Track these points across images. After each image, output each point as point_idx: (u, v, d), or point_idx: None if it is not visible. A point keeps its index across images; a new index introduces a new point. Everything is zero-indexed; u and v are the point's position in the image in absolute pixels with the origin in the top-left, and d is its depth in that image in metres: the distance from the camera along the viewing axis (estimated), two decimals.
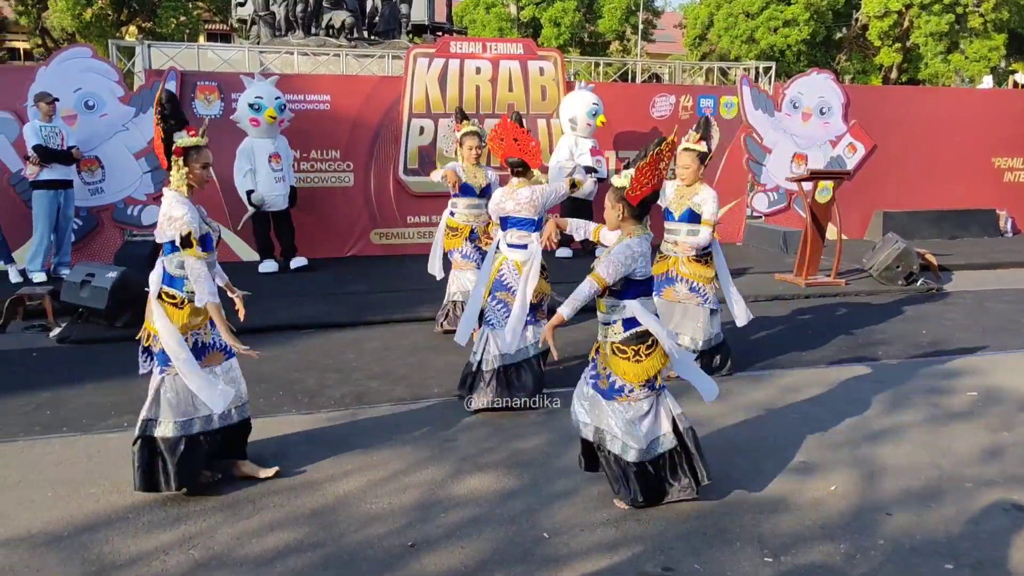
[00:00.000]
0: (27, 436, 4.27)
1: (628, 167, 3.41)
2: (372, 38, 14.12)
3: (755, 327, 6.66)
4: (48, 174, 7.61)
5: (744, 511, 3.51)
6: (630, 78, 12.66)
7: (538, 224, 4.81)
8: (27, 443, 4.18)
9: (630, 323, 3.44)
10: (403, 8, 15.31)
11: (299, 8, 13.00)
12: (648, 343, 3.43)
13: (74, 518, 3.39)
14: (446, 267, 6.25)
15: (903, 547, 3.24)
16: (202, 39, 30.23)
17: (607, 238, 3.78)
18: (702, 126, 5.11)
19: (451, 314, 6.14)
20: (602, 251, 3.60)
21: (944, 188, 11.65)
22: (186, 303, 3.51)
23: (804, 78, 11.07)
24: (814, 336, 6.46)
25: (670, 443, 3.51)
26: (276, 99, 8.33)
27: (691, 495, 3.51)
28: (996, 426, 4.55)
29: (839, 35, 29.65)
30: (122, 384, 4.96)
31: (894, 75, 28.11)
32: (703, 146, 5.07)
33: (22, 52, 31.76)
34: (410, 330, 6.50)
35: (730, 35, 28.18)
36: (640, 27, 32.32)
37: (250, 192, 8.21)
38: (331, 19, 13.26)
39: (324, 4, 13.34)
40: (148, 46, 9.48)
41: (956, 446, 4.27)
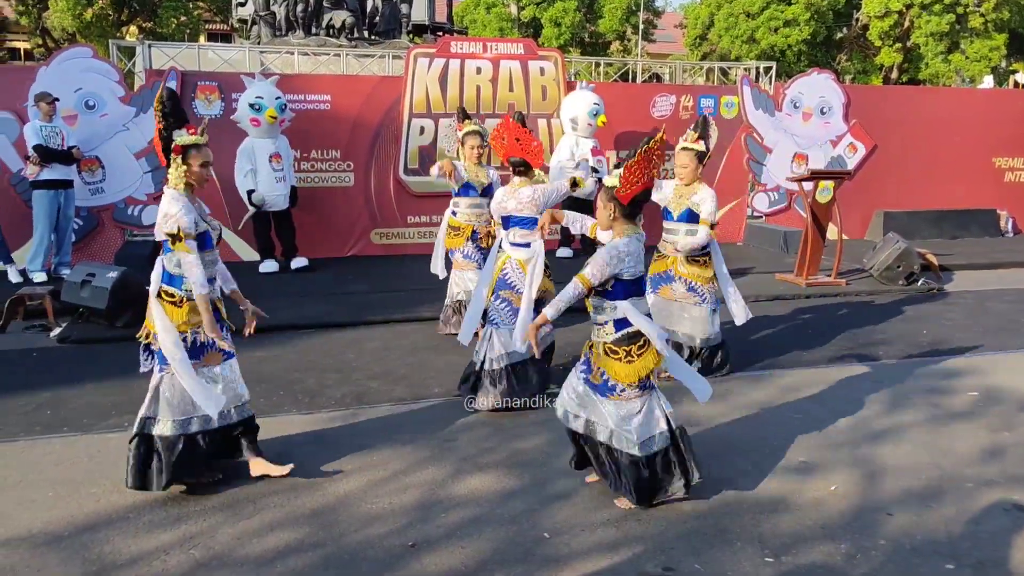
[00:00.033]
0: (28, 436, 4.28)
1: (619, 167, 3.42)
2: (372, 38, 14.12)
3: (755, 327, 6.65)
4: (48, 174, 7.61)
5: (744, 511, 3.51)
6: (631, 78, 12.66)
7: (538, 223, 4.81)
8: (28, 443, 4.18)
9: (621, 324, 3.44)
10: (403, 8, 15.32)
11: (299, 8, 13.00)
12: (640, 343, 3.43)
13: (74, 518, 3.40)
14: (448, 267, 6.25)
15: (904, 547, 3.24)
16: (203, 39, 30.23)
17: (603, 236, 3.79)
18: (700, 125, 5.11)
19: (454, 315, 6.13)
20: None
21: (945, 188, 11.64)
22: (185, 301, 3.52)
23: (805, 78, 11.06)
24: (815, 336, 6.46)
25: (664, 442, 3.51)
26: (277, 99, 8.33)
27: (683, 494, 3.52)
28: (997, 426, 4.56)
29: (840, 35, 29.64)
30: (122, 384, 4.96)
31: (895, 75, 28.10)
32: (701, 145, 5.07)
33: (23, 52, 31.78)
34: (410, 330, 6.50)
35: (731, 35, 28.18)
36: (641, 27, 32.33)
37: (251, 192, 8.21)
38: (331, 19, 13.26)
39: (324, 4, 13.34)
40: (149, 46, 9.48)
41: (957, 446, 4.27)
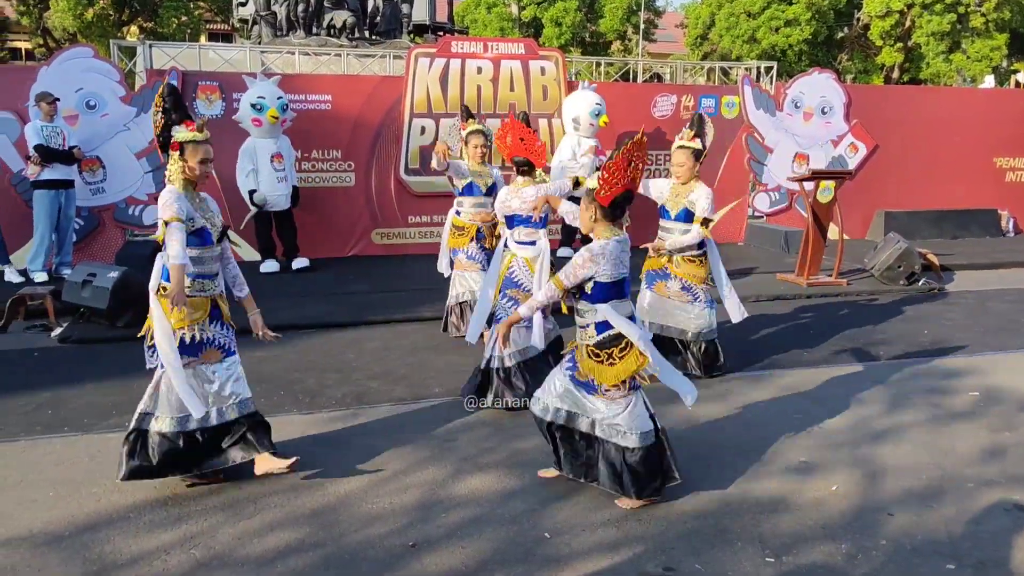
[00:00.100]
0: (28, 436, 4.28)
1: (599, 169, 3.42)
2: (373, 38, 14.11)
3: (756, 327, 6.66)
4: (49, 174, 7.62)
5: (745, 511, 3.51)
6: (631, 78, 12.65)
7: (544, 222, 4.86)
8: (28, 443, 4.19)
9: (602, 326, 3.45)
10: (404, 8, 15.31)
11: (300, 8, 12.98)
12: (622, 345, 3.43)
13: (75, 518, 3.40)
14: (452, 266, 6.23)
15: (904, 547, 3.24)
16: (203, 39, 30.25)
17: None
18: (696, 123, 5.09)
19: (460, 317, 6.09)
20: None
21: (945, 188, 11.63)
22: None
23: (806, 78, 11.06)
24: (815, 336, 6.45)
25: (650, 440, 3.51)
26: (278, 99, 8.34)
27: (657, 495, 3.52)
28: (997, 426, 4.55)
29: (841, 35, 29.63)
30: (123, 384, 4.97)
31: (896, 75, 28.09)
32: (697, 143, 5.05)
33: (24, 52, 31.81)
34: (411, 330, 6.50)
35: (731, 35, 28.18)
36: (641, 27, 32.33)
37: (252, 192, 8.22)
38: (332, 19, 13.25)
39: (325, 4, 13.33)
40: (149, 46, 9.48)
41: (957, 446, 4.26)
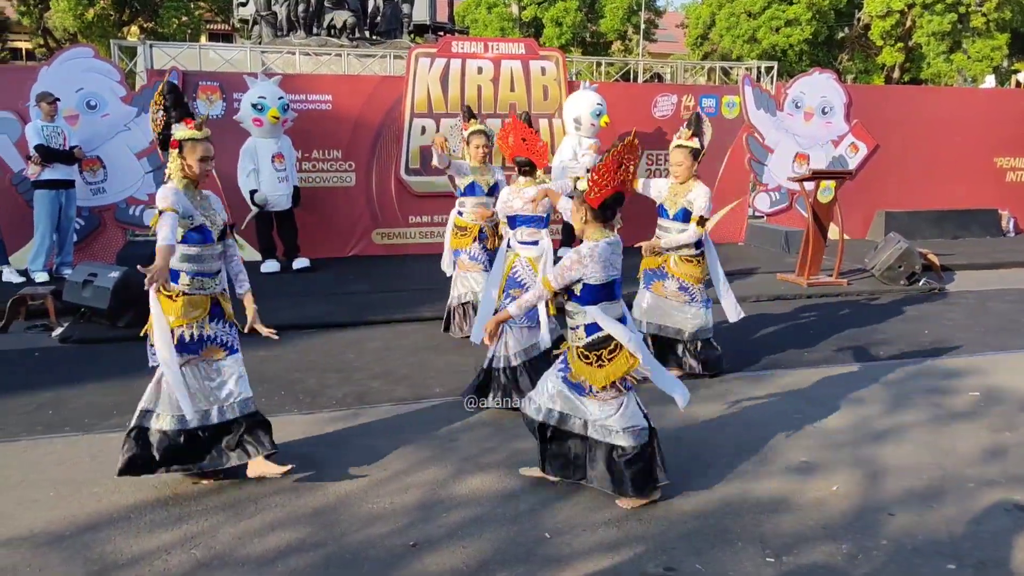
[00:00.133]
0: (29, 436, 4.28)
1: (589, 171, 3.43)
2: (374, 38, 14.11)
3: (756, 327, 6.66)
4: (50, 174, 7.62)
5: (746, 511, 3.51)
6: (632, 78, 12.64)
7: (546, 221, 4.88)
8: (29, 443, 4.19)
9: (592, 328, 3.45)
10: (405, 8, 15.31)
11: (301, 8, 12.98)
12: (611, 347, 3.44)
13: (76, 518, 3.40)
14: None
15: (905, 547, 3.24)
16: (204, 39, 30.25)
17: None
18: (693, 122, 5.08)
19: (463, 317, 6.11)
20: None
21: (946, 188, 11.63)
22: (180, 296, 3.52)
23: (806, 78, 11.06)
24: (816, 336, 6.45)
25: (643, 439, 3.51)
26: (279, 99, 8.34)
27: (656, 493, 3.53)
28: (998, 426, 4.55)
29: (841, 35, 29.62)
30: (124, 384, 4.97)
31: (896, 75, 28.08)
32: (695, 143, 5.04)
33: (24, 52, 31.80)
34: (411, 330, 6.50)
35: (732, 35, 28.17)
36: (642, 27, 32.31)
37: (253, 192, 8.22)
38: (333, 19, 13.25)
39: (326, 4, 13.33)
40: (150, 46, 9.49)
41: (958, 446, 4.26)
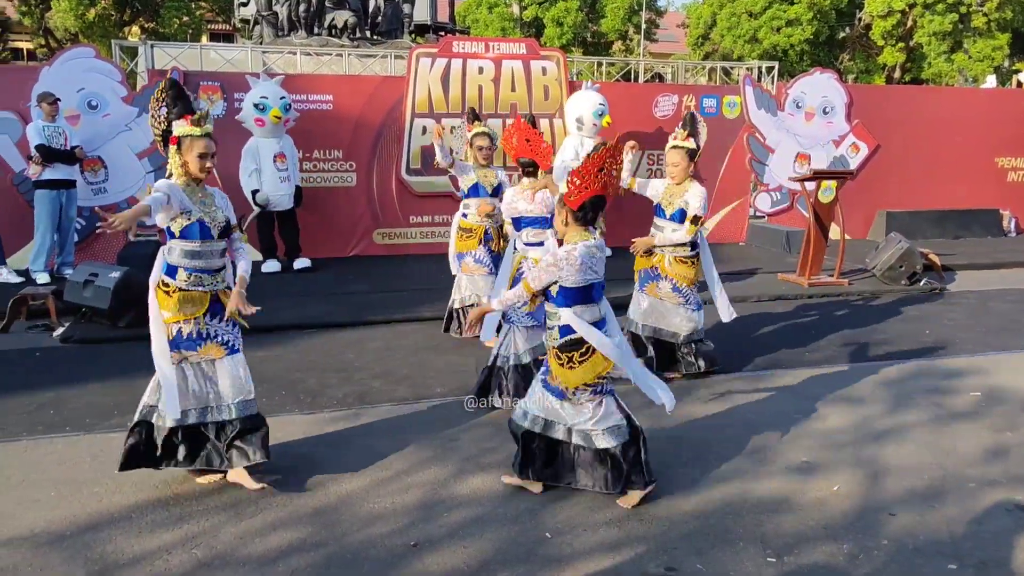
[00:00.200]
0: (30, 436, 4.28)
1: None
2: (375, 38, 14.10)
3: (757, 327, 6.66)
4: (51, 174, 7.63)
5: (747, 511, 3.51)
6: (633, 78, 12.63)
7: (551, 221, 4.84)
8: (30, 443, 4.19)
9: (565, 330, 3.46)
10: (406, 8, 15.31)
11: (302, 8, 12.97)
12: (583, 350, 3.43)
13: (77, 517, 3.40)
14: None
15: (906, 547, 3.23)
16: (205, 39, 30.25)
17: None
18: (688, 122, 5.07)
19: (461, 319, 6.12)
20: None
21: (947, 188, 11.63)
22: (176, 292, 3.51)
23: (807, 78, 11.06)
24: (816, 336, 6.44)
25: (623, 437, 3.51)
26: (281, 99, 8.35)
27: (652, 484, 3.54)
28: (999, 426, 4.54)
29: (842, 35, 29.60)
30: (125, 383, 4.96)
31: (897, 75, 28.06)
32: (691, 143, 5.03)
33: (25, 52, 31.81)
34: (412, 330, 6.50)
35: (733, 35, 28.15)
36: (643, 27, 32.29)
37: (255, 192, 8.23)
38: (334, 19, 13.24)
39: (327, 4, 13.32)
40: (151, 46, 9.49)
41: (959, 446, 4.26)
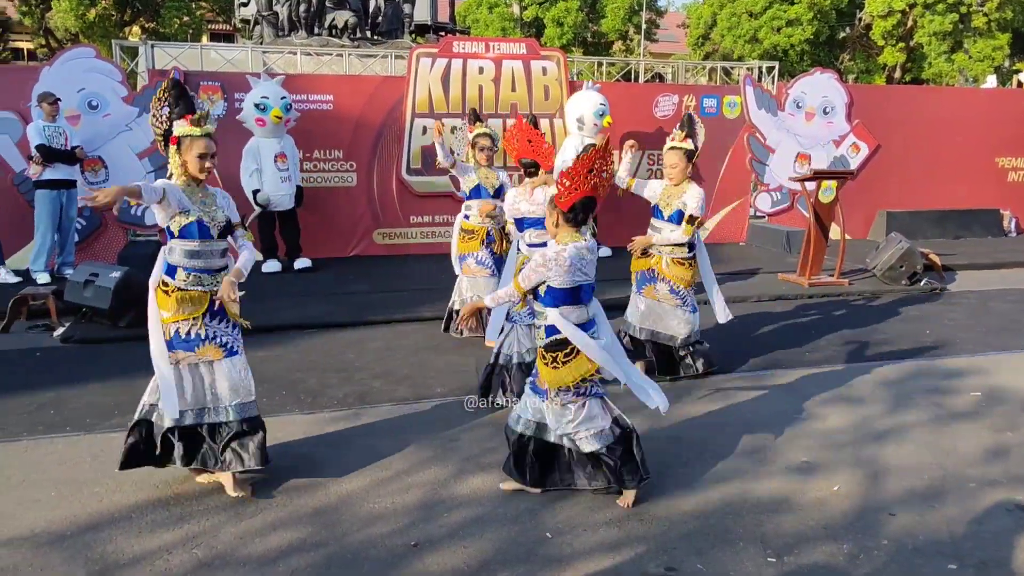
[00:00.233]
0: (30, 436, 4.28)
1: None
2: (375, 38, 14.10)
3: (757, 327, 6.66)
4: (51, 174, 7.63)
5: (747, 511, 3.51)
6: (633, 78, 12.62)
7: None
8: (30, 443, 4.19)
9: (551, 330, 3.47)
10: (406, 8, 15.30)
11: (302, 8, 12.97)
12: (567, 351, 3.44)
13: (77, 517, 3.40)
14: None
15: (906, 547, 3.23)
16: (205, 39, 30.26)
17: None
18: (686, 123, 5.07)
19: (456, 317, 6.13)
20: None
21: (947, 188, 11.63)
22: (175, 291, 3.51)
23: (807, 78, 11.06)
24: (817, 336, 6.44)
25: (608, 439, 3.51)
26: (282, 99, 8.35)
27: (647, 478, 3.54)
28: (1000, 426, 4.54)
29: (843, 35, 29.59)
30: (125, 383, 4.96)
31: (898, 75, 28.05)
32: (689, 144, 5.03)
33: (25, 52, 31.82)
34: (412, 330, 6.50)
35: (733, 35, 28.15)
36: (643, 27, 32.29)
37: (256, 192, 8.23)
38: (334, 19, 13.24)
39: (327, 4, 13.32)
40: (151, 46, 9.49)
41: (959, 446, 4.26)
